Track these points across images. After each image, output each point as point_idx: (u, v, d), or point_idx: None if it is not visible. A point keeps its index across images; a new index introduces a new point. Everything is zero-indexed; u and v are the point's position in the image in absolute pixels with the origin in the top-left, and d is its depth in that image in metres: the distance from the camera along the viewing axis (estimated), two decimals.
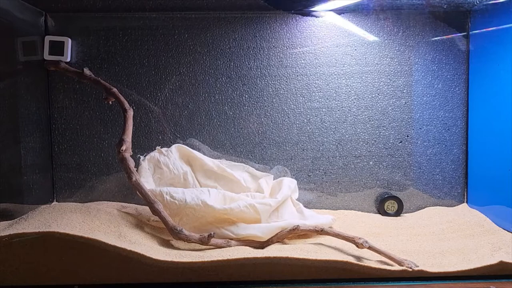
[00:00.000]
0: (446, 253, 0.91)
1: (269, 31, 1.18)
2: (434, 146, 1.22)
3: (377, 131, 1.21)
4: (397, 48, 1.19)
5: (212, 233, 0.87)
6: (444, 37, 1.20)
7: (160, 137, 1.17)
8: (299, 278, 0.81)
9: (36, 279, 0.79)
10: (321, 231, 0.92)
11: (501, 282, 0.79)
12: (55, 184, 1.17)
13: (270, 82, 1.19)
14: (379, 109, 1.21)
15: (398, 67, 1.20)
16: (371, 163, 1.22)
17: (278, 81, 1.19)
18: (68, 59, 1.10)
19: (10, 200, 0.98)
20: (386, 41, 1.19)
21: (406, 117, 1.21)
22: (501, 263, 0.80)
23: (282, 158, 1.20)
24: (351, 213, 1.20)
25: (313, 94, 1.19)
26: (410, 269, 0.80)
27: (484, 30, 1.14)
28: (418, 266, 0.81)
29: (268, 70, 1.18)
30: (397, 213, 1.18)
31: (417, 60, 1.20)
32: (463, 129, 1.22)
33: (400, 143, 1.22)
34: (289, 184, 1.09)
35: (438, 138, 1.22)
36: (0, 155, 0.96)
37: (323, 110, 1.20)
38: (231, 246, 0.89)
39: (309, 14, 1.18)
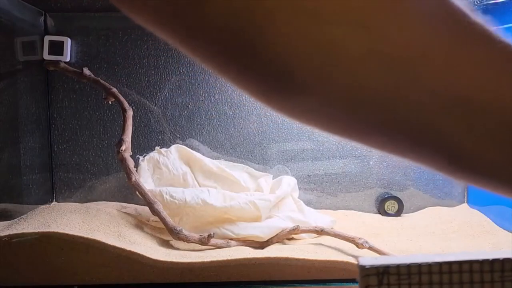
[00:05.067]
0: (446, 253, 0.90)
1: None
2: None
3: None
4: None
5: (212, 233, 0.87)
6: None
7: (159, 137, 1.17)
8: (299, 278, 0.81)
9: (36, 279, 0.79)
10: (321, 231, 0.92)
11: None
12: (55, 184, 1.17)
13: None
14: None
15: None
16: (371, 163, 1.21)
17: None
18: (68, 59, 1.10)
19: (9, 200, 0.98)
20: None
21: None
22: None
23: (282, 158, 1.20)
24: (351, 213, 1.20)
25: None
26: None
27: None
28: None
29: None
30: (398, 213, 1.18)
31: None
32: None
33: None
34: (289, 182, 1.09)
35: None
36: None
37: None
38: (230, 247, 0.89)
39: None
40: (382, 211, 1.19)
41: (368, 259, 0.36)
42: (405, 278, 0.34)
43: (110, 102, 1.04)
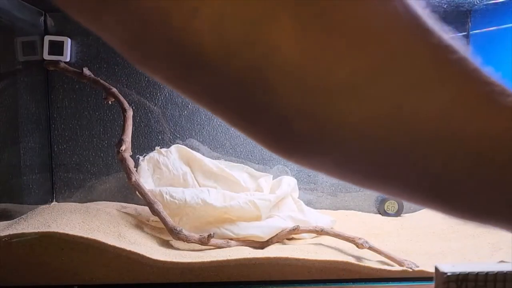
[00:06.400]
0: (446, 253, 0.90)
1: None
2: None
3: None
4: None
5: (212, 233, 0.87)
6: None
7: (159, 137, 1.17)
8: (299, 278, 0.81)
9: (36, 279, 0.79)
10: (321, 231, 0.92)
11: None
12: (55, 184, 1.17)
13: None
14: None
15: None
16: None
17: None
18: (68, 59, 1.10)
19: (9, 200, 0.98)
20: None
21: None
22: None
23: (282, 158, 1.20)
24: (351, 213, 1.20)
25: None
26: (411, 269, 0.80)
27: (484, 30, 1.14)
28: (418, 267, 0.81)
29: None
30: (397, 213, 1.18)
31: None
32: None
33: None
34: (289, 182, 1.09)
35: None
36: None
37: None
38: (230, 247, 0.89)
39: None
40: (382, 211, 1.19)
41: (447, 265, 0.36)
42: (481, 285, 0.35)
43: (110, 102, 1.04)
